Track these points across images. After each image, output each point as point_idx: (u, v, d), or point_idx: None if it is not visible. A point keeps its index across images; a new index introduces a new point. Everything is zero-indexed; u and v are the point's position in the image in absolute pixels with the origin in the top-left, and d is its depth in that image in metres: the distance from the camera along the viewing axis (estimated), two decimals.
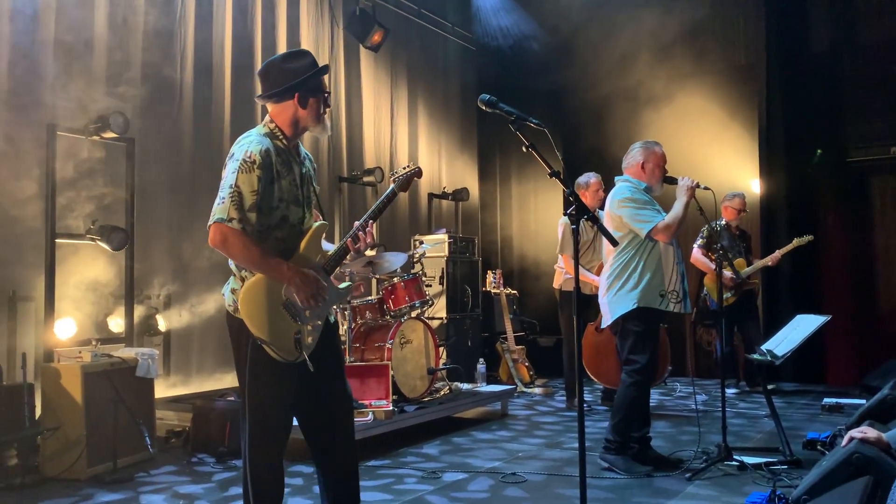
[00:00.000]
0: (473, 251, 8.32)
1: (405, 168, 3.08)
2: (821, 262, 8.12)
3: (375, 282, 6.42)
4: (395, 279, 5.85)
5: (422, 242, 7.28)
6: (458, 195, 9.14)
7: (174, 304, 5.87)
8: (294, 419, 2.91)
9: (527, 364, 7.92)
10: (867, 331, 7.89)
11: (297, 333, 2.75)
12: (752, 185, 8.25)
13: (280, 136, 2.82)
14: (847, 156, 8.11)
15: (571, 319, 6.45)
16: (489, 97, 2.85)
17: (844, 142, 8.15)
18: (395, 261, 5.68)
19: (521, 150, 2.86)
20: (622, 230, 4.40)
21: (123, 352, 4.90)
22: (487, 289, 8.14)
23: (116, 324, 5.35)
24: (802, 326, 4.71)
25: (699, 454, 4.56)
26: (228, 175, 2.68)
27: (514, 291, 8.67)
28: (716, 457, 4.40)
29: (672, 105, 8.48)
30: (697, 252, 7.13)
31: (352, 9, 7.63)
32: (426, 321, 5.94)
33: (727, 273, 6.90)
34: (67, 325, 4.91)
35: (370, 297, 6.08)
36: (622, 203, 4.40)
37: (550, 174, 2.79)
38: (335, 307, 3.16)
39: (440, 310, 7.74)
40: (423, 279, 6.22)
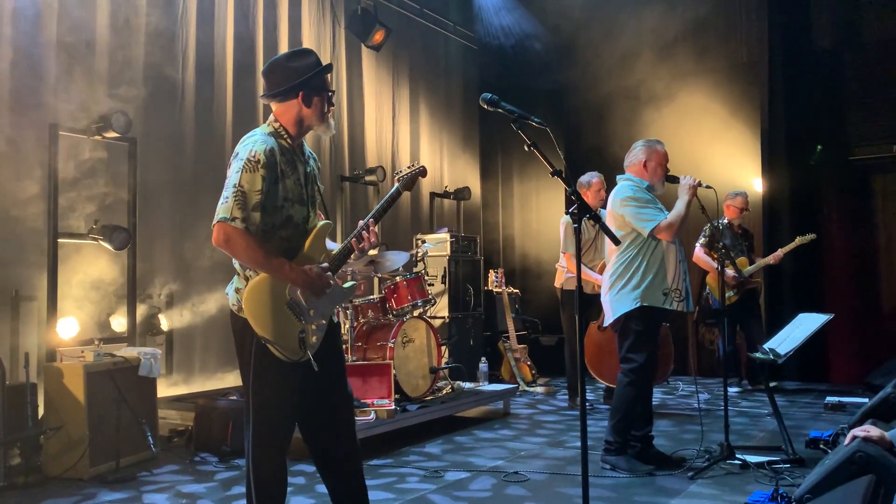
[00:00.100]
0: (475, 250, 8.32)
1: (409, 167, 3.07)
2: (823, 261, 8.11)
3: (378, 281, 6.42)
4: (398, 278, 5.85)
5: (424, 241, 7.29)
6: (460, 194, 9.14)
7: (176, 304, 5.88)
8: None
9: (529, 363, 7.91)
10: (870, 329, 7.88)
11: (302, 333, 2.75)
12: (755, 184, 8.24)
13: (284, 136, 2.82)
14: (849, 154, 8.10)
15: (573, 318, 6.45)
16: (491, 96, 2.85)
17: (847, 140, 8.13)
18: (398, 260, 5.68)
19: (523, 149, 2.86)
20: (624, 229, 4.39)
21: (126, 351, 4.91)
22: (489, 288, 8.14)
23: (119, 323, 5.36)
24: (805, 325, 4.70)
25: (701, 453, 4.56)
26: (232, 174, 2.67)
27: (516, 290, 8.66)
28: (718, 455, 4.40)
29: (674, 103, 8.48)
30: (700, 251, 7.12)
31: (353, 8, 7.63)
32: (428, 320, 5.94)
33: (729, 272, 6.89)
34: (70, 325, 4.92)
35: (372, 297, 6.08)
36: (624, 202, 4.40)
37: (552, 173, 2.78)
38: (338, 307, 3.17)
39: (442, 309, 7.74)
40: (426, 278, 6.22)
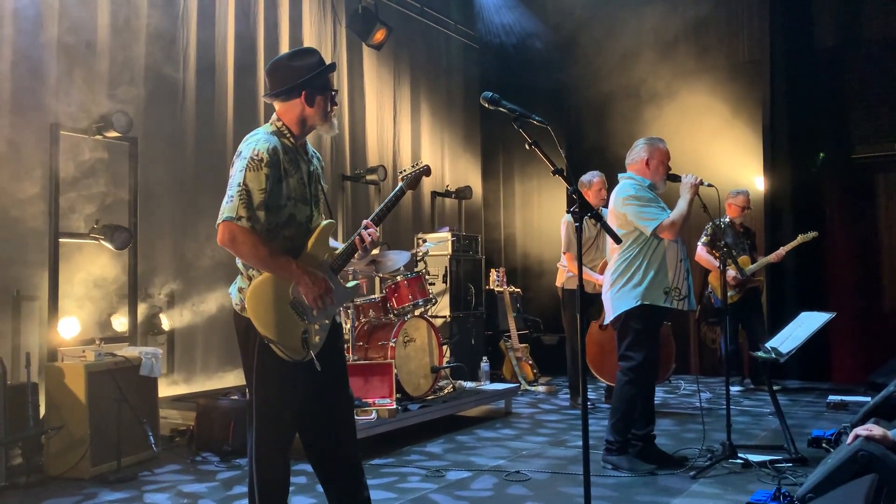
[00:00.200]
0: (477, 249, 8.31)
1: (413, 166, 3.07)
2: (825, 260, 8.10)
3: (379, 280, 6.41)
4: (399, 277, 5.84)
5: (425, 241, 7.27)
6: (462, 193, 9.14)
7: (177, 303, 5.88)
8: None
9: (530, 362, 7.91)
10: (872, 328, 7.87)
11: (305, 333, 2.74)
12: (756, 182, 8.23)
13: (287, 135, 2.81)
14: (852, 152, 8.08)
15: (575, 317, 6.44)
16: (492, 95, 2.85)
17: (849, 138, 8.12)
18: (399, 259, 5.67)
19: (525, 148, 2.86)
20: (626, 228, 4.38)
21: (127, 351, 4.90)
22: (491, 287, 8.13)
23: (120, 323, 5.36)
24: (807, 324, 4.69)
25: (704, 452, 4.56)
26: (236, 173, 2.67)
27: (518, 289, 8.66)
28: (720, 455, 4.39)
29: (675, 102, 8.47)
30: (701, 250, 7.11)
31: (354, 7, 7.62)
32: (429, 319, 5.94)
33: (730, 273, 6.88)
34: (71, 325, 4.92)
35: (373, 296, 6.08)
36: (626, 201, 4.39)
37: (554, 172, 2.78)
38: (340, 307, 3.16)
39: (443, 308, 7.74)
40: (427, 277, 6.22)
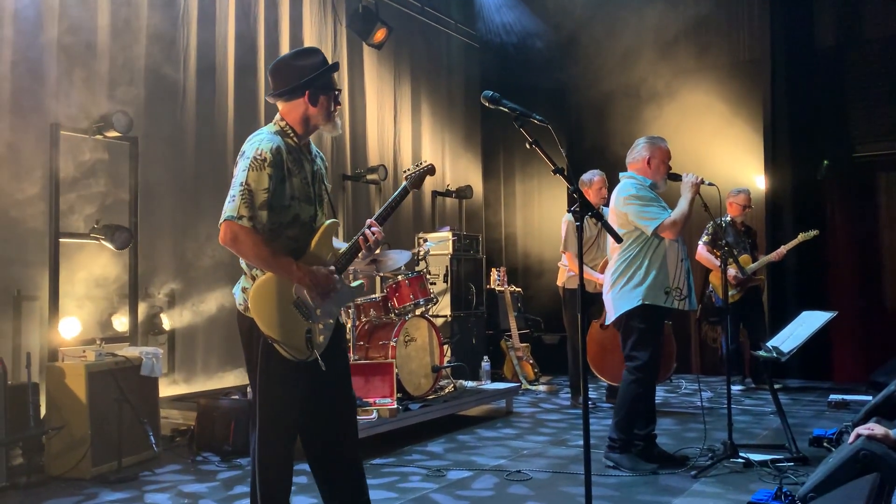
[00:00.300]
0: (477, 249, 8.31)
1: (417, 165, 3.06)
2: (826, 258, 8.09)
3: (380, 280, 6.41)
4: (400, 277, 5.84)
5: (426, 240, 7.27)
6: (462, 193, 9.14)
7: (178, 303, 5.87)
8: None
9: (531, 361, 7.90)
10: (873, 327, 7.85)
11: (308, 332, 2.74)
12: (757, 181, 8.22)
13: (291, 134, 2.81)
14: (853, 151, 8.07)
15: (576, 317, 6.44)
16: (492, 94, 2.84)
17: (850, 137, 8.11)
18: (400, 259, 5.67)
19: (525, 148, 2.86)
20: (627, 227, 4.38)
21: (128, 351, 4.90)
22: (491, 286, 8.13)
23: (121, 323, 5.36)
24: (808, 323, 4.69)
25: (705, 451, 4.55)
26: (239, 173, 2.67)
27: (519, 289, 8.66)
28: (721, 454, 4.38)
29: (676, 101, 8.46)
30: (702, 249, 7.10)
31: (354, 6, 7.62)
32: (430, 319, 5.94)
33: (731, 272, 6.87)
34: (72, 325, 4.92)
35: (374, 295, 6.08)
36: (627, 200, 4.39)
37: (554, 171, 2.77)
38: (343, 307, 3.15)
39: (444, 307, 7.73)
40: (428, 277, 6.22)
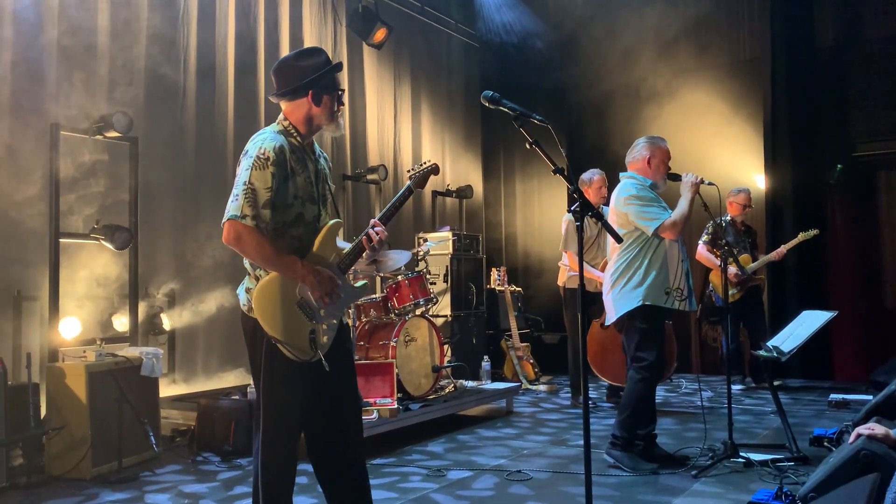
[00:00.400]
0: (478, 249, 8.30)
1: (421, 165, 3.05)
2: (827, 258, 8.09)
3: (380, 280, 6.41)
4: (400, 277, 5.84)
5: (426, 240, 7.27)
6: (462, 193, 9.13)
7: (178, 303, 5.87)
8: None
9: (531, 361, 7.90)
10: (874, 326, 7.85)
11: (312, 333, 2.73)
12: (757, 181, 8.22)
13: (294, 134, 2.81)
14: (853, 150, 8.07)
15: (576, 316, 6.43)
16: (492, 94, 2.84)
17: (850, 136, 8.11)
18: (400, 259, 5.67)
19: (525, 147, 2.85)
20: (627, 227, 4.38)
21: (128, 351, 4.90)
22: (492, 286, 8.13)
23: (121, 323, 5.36)
24: (809, 322, 4.69)
25: (705, 451, 4.55)
26: (242, 172, 2.66)
27: (519, 288, 8.66)
28: (722, 454, 4.38)
29: (676, 101, 8.46)
30: (702, 248, 7.10)
31: (354, 6, 7.62)
32: (430, 319, 5.94)
33: (732, 270, 6.87)
34: (72, 325, 4.92)
35: (374, 296, 6.08)
36: (628, 200, 4.38)
37: (554, 171, 2.77)
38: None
39: (444, 307, 7.73)
40: (428, 277, 6.21)
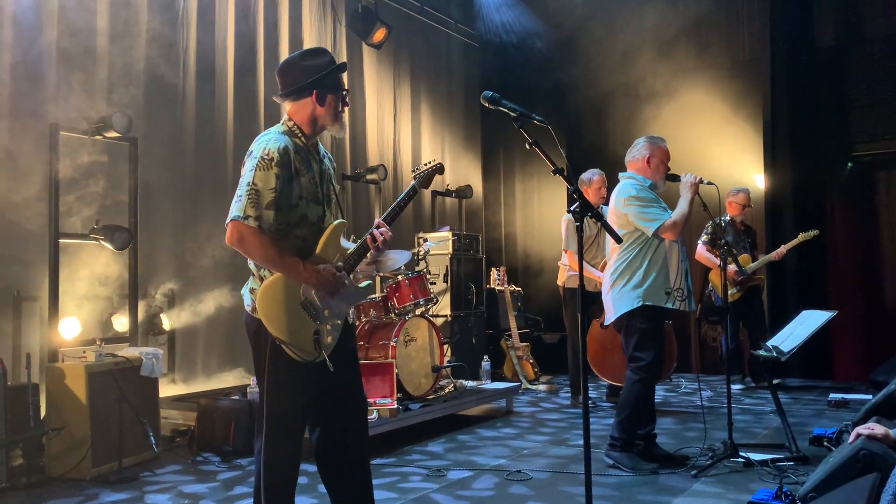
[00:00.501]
0: (477, 248, 8.31)
1: (426, 164, 3.05)
2: (826, 258, 8.09)
3: (380, 280, 6.42)
4: (400, 277, 5.84)
5: (426, 240, 7.27)
6: (462, 193, 9.13)
7: (178, 303, 5.87)
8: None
9: (531, 361, 7.91)
10: (874, 326, 7.86)
11: (316, 333, 2.73)
12: (757, 180, 8.22)
13: (299, 134, 2.81)
14: (853, 150, 8.07)
15: (576, 316, 6.44)
16: (492, 94, 2.84)
17: (850, 136, 8.11)
18: (400, 259, 5.62)
19: (525, 147, 2.85)
20: (627, 227, 4.38)
21: (128, 351, 4.90)
22: (491, 286, 8.13)
23: (121, 323, 5.35)
24: (808, 322, 4.69)
25: (705, 451, 4.55)
26: (247, 173, 2.67)
27: (518, 288, 8.66)
28: (721, 453, 4.38)
29: (676, 100, 8.46)
30: (702, 248, 7.11)
31: (354, 6, 7.62)
32: (430, 319, 5.94)
33: (731, 267, 6.87)
34: (72, 325, 4.91)
35: (374, 295, 6.08)
36: (628, 201, 4.38)
37: (554, 171, 2.77)
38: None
39: (444, 307, 7.73)
40: (428, 277, 6.22)
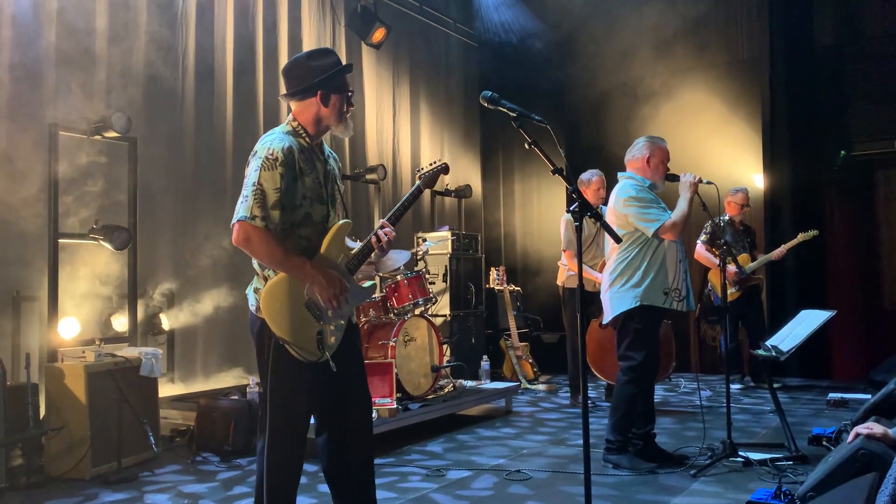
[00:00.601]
0: (476, 248, 8.31)
1: (431, 164, 3.05)
2: (825, 257, 8.09)
3: (379, 279, 6.42)
4: (399, 277, 5.84)
5: (425, 240, 7.28)
6: (461, 192, 9.13)
7: (177, 303, 5.87)
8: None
9: (530, 361, 7.91)
10: (873, 325, 7.87)
11: (320, 333, 2.73)
12: (756, 180, 8.23)
13: (303, 134, 2.82)
14: (852, 150, 8.08)
15: (575, 316, 6.44)
16: (491, 94, 2.84)
17: (849, 135, 8.11)
18: (399, 258, 5.67)
19: (524, 147, 2.85)
20: (626, 228, 4.38)
21: (127, 351, 4.90)
22: (491, 286, 8.13)
23: (120, 323, 5.35)
24: (807, 322, 4.69)
25: (704, 450, 4.55)
26: (251, 173, 2.67)
27: (518, 288, 8.66)
28: (721, 453, 4.39)
29: (675, 100, 8.47)
30: (701, 248, 7.11)
31: (353, 6, 7.61)
32: (430, 319, 5.93)
33: (730, 267, 6.88)
34: (71, 325, 4.91)
35: (373, 295, 6.07)
36: (627, 202, 4.38)
37: (553, 171, 2.77)
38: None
39: (444, 307, 7.73)
40: (427, 277, 6.22)
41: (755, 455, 4.37)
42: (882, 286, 7.98)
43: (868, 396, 5.33)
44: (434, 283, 7.46)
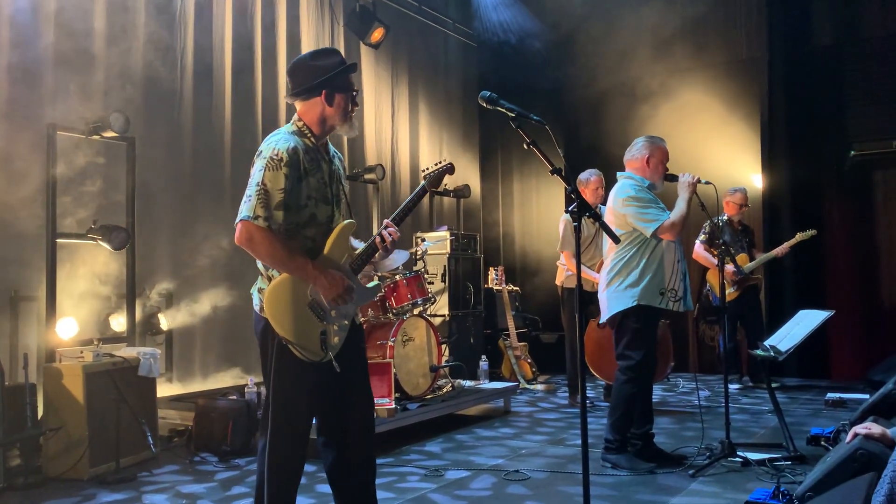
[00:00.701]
0: (475, 248, 8.30)
1: (436, 164, 3.04)
2: (824, 257, 8.10)
3: (377, 279, 6.42)
4: (397, 277, 5.83)
5: (424, 240, 7.27)
6: (460, 192, 9.11)
7: (175, 303, 5.87)
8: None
9: (529, 361, 7.91)
10: (871, 325, 7.87)
11: (323, 333, 2.73)
12: (754, 180, 8.23)
13: (308, 134, 2.81)
14: (850, 149, 8.07)
15: (574, 316, 6.44)
16: (490, 94, 2.84)
17: (848, 136, 8.12)
18: (397, 258, 5.67)
19: (523, 147, 2.85)
20: (625, 228, 4.38)
21: (125, 351, 4.90)
22: (489, 286, 8.12)
23: (118, 323, 5.35)
24: (806, 322, 4.69)
25: (702, 450, 4.55)
26: (256, 173, 2.66)
27: (516, 288, 8.65)
28: (719, 453, 4.39)
29: (674, 100, 8.46)
30: (700, 248, 7.12)
31: (352, 6, 7.61)
32: (428, 318, 5.93)
33: (729, 267, 6.88)
34: (69, 325, 4.91)
35: None
36: (626, 202, 4.38)
37: (552, 171, 2.77)
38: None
39: (442, 307, 7.73)
40: (425, 276, 6.21)
41: (753, 455, 4.37)
42: (881, 286, 7.98)
43: (866, 396, 5.34)
44: (433, 283, 7.46)
